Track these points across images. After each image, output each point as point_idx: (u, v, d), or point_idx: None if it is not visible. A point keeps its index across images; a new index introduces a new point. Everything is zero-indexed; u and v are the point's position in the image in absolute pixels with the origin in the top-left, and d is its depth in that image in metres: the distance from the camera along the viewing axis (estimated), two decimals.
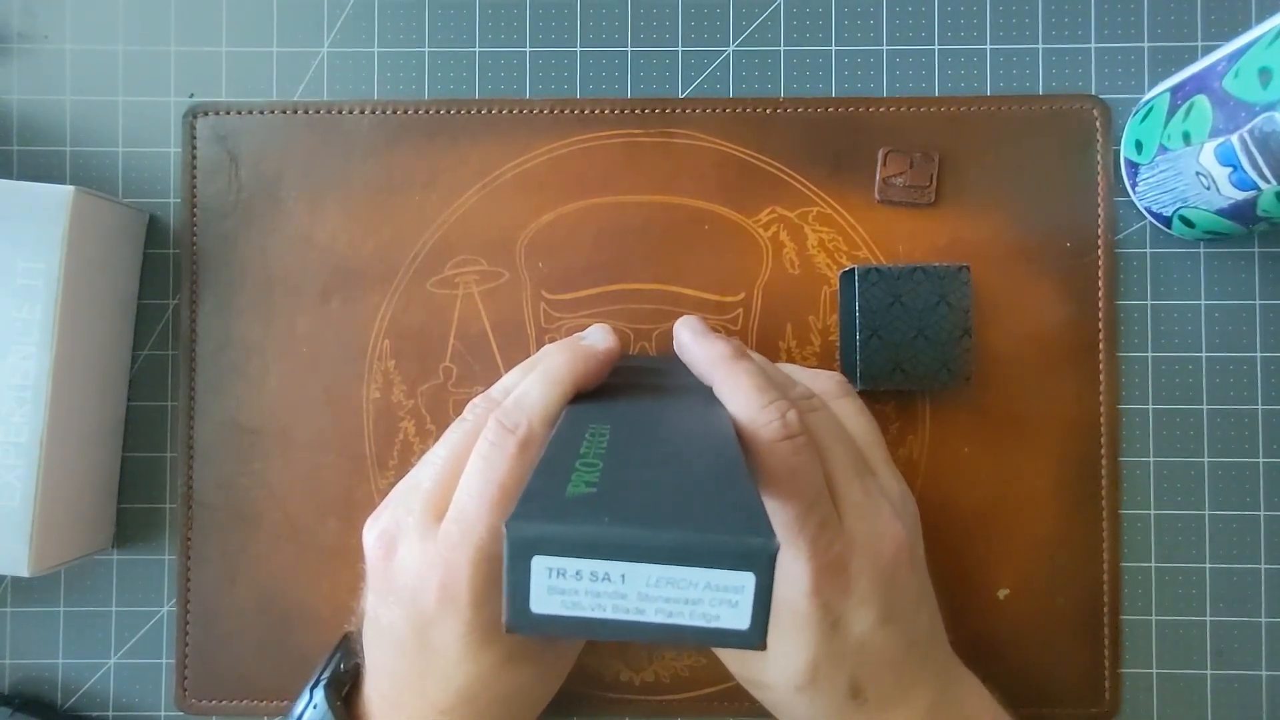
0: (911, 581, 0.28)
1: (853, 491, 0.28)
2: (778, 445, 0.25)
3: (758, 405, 0.26)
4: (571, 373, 0.28)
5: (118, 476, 0.37)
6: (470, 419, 0.29)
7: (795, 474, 0.25)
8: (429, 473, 0.29)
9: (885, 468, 0.30)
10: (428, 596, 0.27)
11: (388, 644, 0.28)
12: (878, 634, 0.27)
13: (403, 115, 0.37)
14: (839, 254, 0.36)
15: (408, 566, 0.27)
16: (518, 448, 0.27)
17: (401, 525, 0.28)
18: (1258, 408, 0.36)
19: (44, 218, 0.32)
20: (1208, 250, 0.36)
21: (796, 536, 0.26)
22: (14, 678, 0.37)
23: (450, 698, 0.28)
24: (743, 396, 0.26)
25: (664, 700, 0.36)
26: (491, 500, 0.26)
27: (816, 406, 0.29)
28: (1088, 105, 0.36)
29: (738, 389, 0.27)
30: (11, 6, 0.37)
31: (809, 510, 0.26)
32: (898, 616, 0.28)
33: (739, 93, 0.37)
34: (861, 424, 0.31)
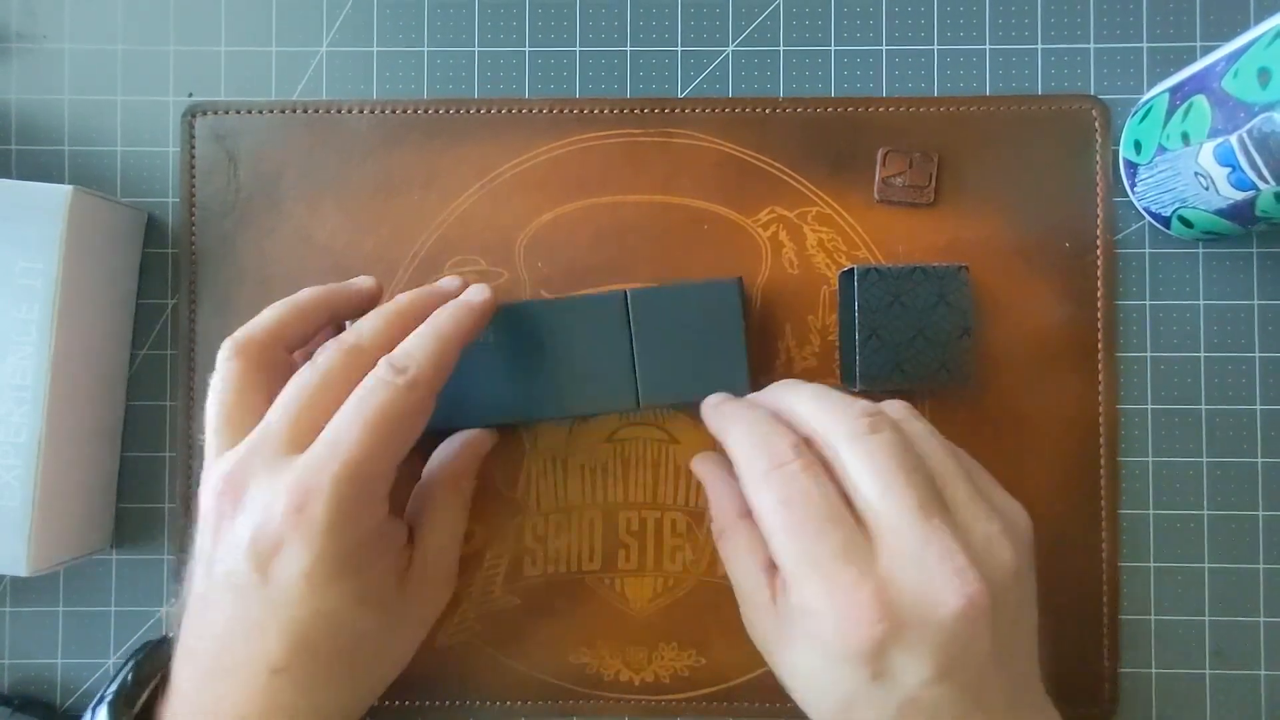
0: (987, 644, 0.25)
1: (909, 537, 0.25)
2: (768, 479, 0.26)
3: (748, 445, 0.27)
4: (459, 329, 0.29)
5: (116, 476, 0.37)
6: (321, 361, 0.28)
7: (790, 505, 0.25)
8: (278, 414, 0.27)
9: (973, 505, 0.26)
10: (274, 523, 0.25)
11: (220, 598, 0.26)
12: (931, 692, 0.24)
13: (402, 115, 0.37)
14: (838, 254, 0.36)
15: (255, 498, 0.26)
16: (406, 385, 0.27)
17: (248, 465, 0.26)
18: (1257, 408, 0.36)
19: (43, 217, 0.32)
20: (1206, 250, 0.36)
21: (813, 566, 0.25)
22: (13, 678, 0.37)
23: (287, 648, 0.26)
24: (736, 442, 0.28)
25: (664, 700, 0.36)
26: (371, 424, 0.26)
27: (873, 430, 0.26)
28: (1087, 105, 0.36)
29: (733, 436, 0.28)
30: (10, 6, 0.37)
31: (819, 538, 0.25)
32: (959, 676, 0.25)
33: (738, 92, 0.37)
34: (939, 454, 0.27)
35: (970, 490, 0.27)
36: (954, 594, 0.24)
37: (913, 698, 0.25)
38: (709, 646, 0.36)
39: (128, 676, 0.28)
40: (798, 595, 0.25)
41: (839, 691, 0.25)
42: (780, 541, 0.26)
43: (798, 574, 0.25)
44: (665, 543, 0.36)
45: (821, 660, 0.25)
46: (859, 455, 0.26)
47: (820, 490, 0.26)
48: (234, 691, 0.26)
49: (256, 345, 0.29)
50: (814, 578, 0.25)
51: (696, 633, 0.36)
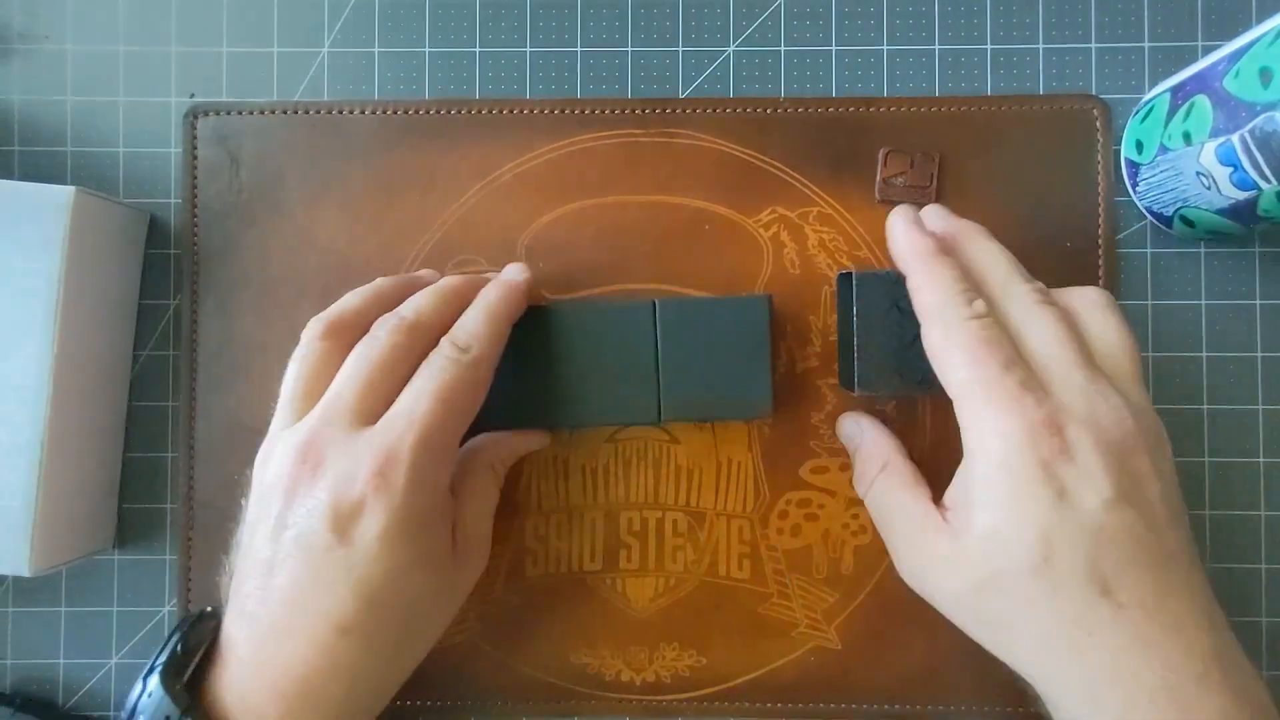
0: (1151, 475, 0.26)
1: (1074, 376, 0.27)
2: (967, 323, 0.28)
3: (948, 293, 0.28)
4: (508, 307, 0.32)
5: (119, 477, 0.37)
6: (385, 337, 0.30)
7: (986, 343, 0.27)
8: (347, 388, 0.29)
9: (1129, 381, 0.28)
10: (357, 486, 0.27)
11: (288, 561, 0.27)
12: (1115, 515, 0.25)
13: (403, 115, 0.37)
14: (840, 254, 0.36)
15: (336, 464, 0.28)
16: (471, 362, 0.30)
17: (323, 435, 0.28)
18: (1258, 408, 0.36)
19: (45, 218, 0.32)
20: (1208, 250, 0.36)
21: (995, 391, 0.27)
22: (15, 677, 0.37)
23: (358, 607, 0.27)
24: (935, 288, 0.29)
25: (665, 700, 0.36)
26: (442, 398, 0.29)
27: (1046, 301, 0.29)
28: (1088, 105, 0.36)
29: (933, 280, 0.29)
30: (12, 6, 0.37)
31: (1004, 371, 0.27)
32: (1138, 506, 0.26)
33: (739, 93, 0.37)
34: (1110, 336, 0.29)
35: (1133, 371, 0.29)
36: (1115, 423, 0.26)
37: (1101, 523, 0.25)
38: (710, 647, 0.36)
39: (177, 646, 0.28)
40: (986, 424, 0.27)
41: (1036, 528, 0.26)
42: (966, 375, 0.27)
43: (981, 405, 0.27)
44: (666, 543, 0.36)
45: (1007, 498, 0.26)
46: (1037, 318, 0.28)
47: (1009, 341, 0.28)
48: (299, 651, 0.27)
49: (343, 326, 0.31)
50: (997, 403, 0.26)
51: (697, 633, 0.36)
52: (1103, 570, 0.25)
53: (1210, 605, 0.26)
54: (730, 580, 0.36)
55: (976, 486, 0.27)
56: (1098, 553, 0.25)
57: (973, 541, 0.27)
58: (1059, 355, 0.28)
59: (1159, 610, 0.25)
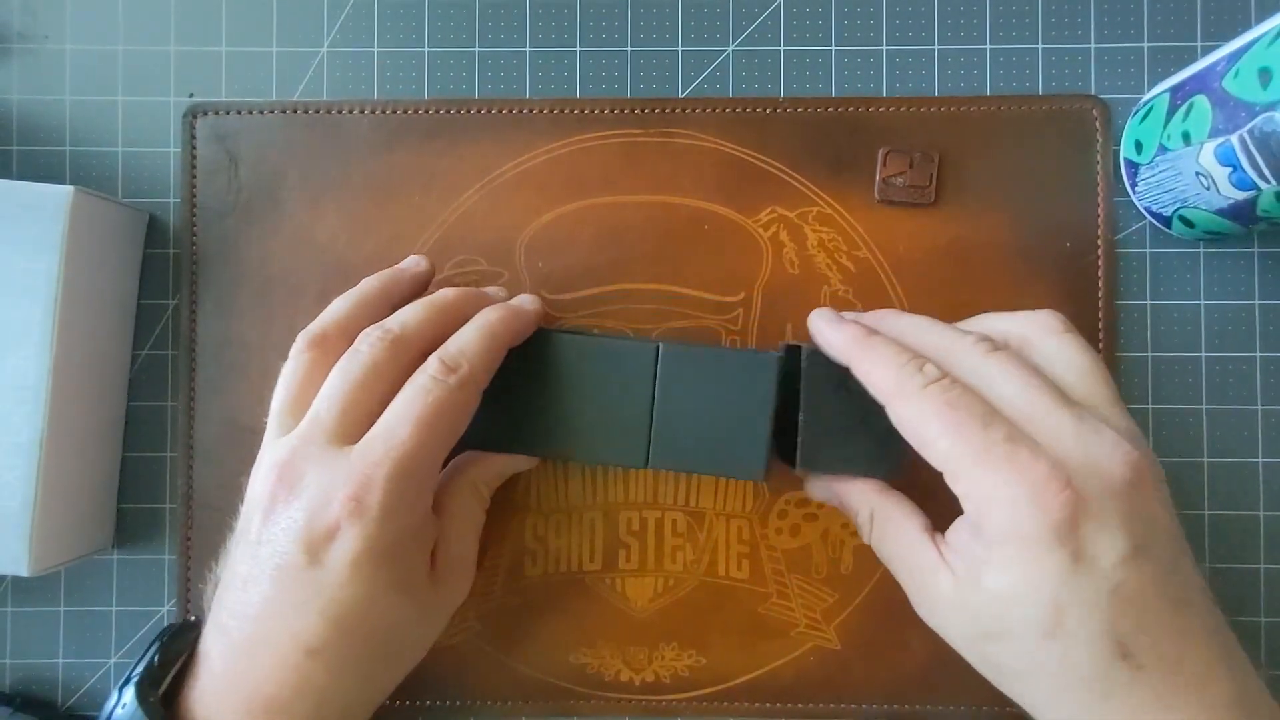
0: (1162, 517, 0.25)
1: (1058, 421, 0.25)
2: (926, 390, 0.26)
3: (895, 367, 0.27)
4: (508, 332, 0.30)
5: (118, 476, 0.37)
6: (367, 350, 0.29)
7: (953, 405, 0.26)
8: (327, 404, 0.28)
9: (1110, 406, 0.27)
10: (332, 509, 0.27)
11: (263, 579, 0.27)
12: (1134, 571, 0.24)
13: (402, 115, 0.37)
14: (839, 254, 0.36)
15: (313, 485, 0.27)
16: (458, 383, 0.28)
17: (302, 453, 0.28)
18: (1257, 408, 0.36)
19: (44, 218, 0.32)
20: (1207, 250, 0.36)
21: (983, 454, 0.25)
22: (14, 677, 0.37)
23: (325, 630, 0.27)
24: (881, 367, 0.28)
25: (664, 700, 0.36)
26: (423, 423, 0.28)
27: (994, 349, 0.27)
28: (1088, 105, 0.36)
29: (876, 362, 0.28)
30: (11, 6, 0.37)
31: (985, 428, 0.25)
32: (1155, 554, 0.24)
33: (739, 93, 0.37)
34: (1074, 362, 0.28)
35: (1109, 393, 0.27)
36: (1119, 462, 0.25)
37: (1119, 582, 0.24)
38: (709, 647, 0.36)
39: (154, 657, 0.28)
40: (984, 492, 0.25)
41: (1047, 593, 0.24)
42: (946, 446, 0.26)
43: (977, 467, 0.25)
44: (666, 543, 0.36)
45: (1017, 562, 0.24)
46: (991, 367, 0.27)
47: (974, 394, 0.26)
48: (266, 670, 0.27)
49: (328, 338, 0.30)
50: (990, 467, 0.25)
51: (697, 633, 0.36)
52: (1120, 632, 0.24)
53: (1227, 646, 0.25)
54: (730, 580, 0.36)
55: (988, 550, 0.25)
56: (1115, 615, 0.24)
57: (980, 595, 0.26)
58: (1033, 401, 0.26)
59: (1179, 667, 0.24)
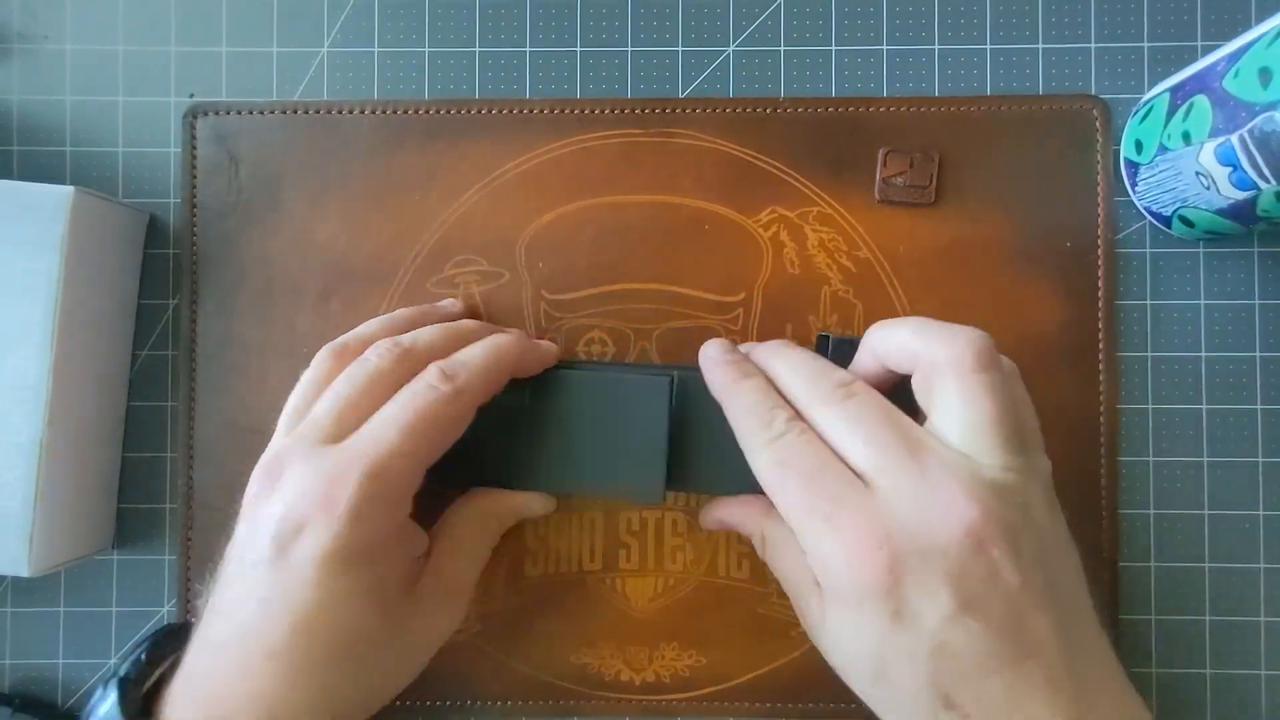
0: (1007, 569, 0.24)
1: (900, 475, 0.25)
2: (765, 449, 0.27)
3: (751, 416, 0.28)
4: (516, 356, 0.30)
5: (118, 477, 0.37)
6: (374, 359, 0.29)
7: (782, 464, 0.27)
8: (325, 406, 0.28)
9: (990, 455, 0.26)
10: (303, 505, 0.26)
11: (237, 578, 0.27)
12: (958, 629, 0.24)
13: (403, 115, 0.37)
14: (839, 254, 0.36)
15: (290, 481, 0.27)
16: (453, 393, 0.28)
17: (289, 451, 0.28)
18: (1257, 408, 0.36)
19: (44, 218, 0.32)
20: (1207, 250, 0.36)
21: (811, 515, 0.26)
22: (14, 678, 0.37)
23: (286, 632, 0.26)
24: (740, 414, 0.28)
25: (664, 700, 0.36)
26: (409, 427, 0.27)
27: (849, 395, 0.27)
28: (1088, 105, 0.36)
29: (737, 410, 0.29)
30: (11, 6, 0.37)
31: (809, 489, 0.26)
32: (984, 608, 0.24)
33: (739, 93, 0.37)
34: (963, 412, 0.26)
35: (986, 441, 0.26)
36: (953, 520, 0.24)
37: (942, 641, 0.24)
38: (710, 646, 0.36)
39: (140, 656, 0.28)
40: (810, 549, 0.26)
41: (868, 646, 0.25)
42: (783, 499, 0.26)
43: (803, 525, 0.26)
44: (666, 542, 0.36)
45: (844, 614, 0.26)
46: (839, 418, 0.27)
47: (813, 448, 0.26)
48: (226, 672, 0.26)
49: (347, 350, 0.30)
50: (815, 521, 0.25)
51: (697, 633, 0.36)
52: (943, 685, 0.24)
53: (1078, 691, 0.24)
54: (730, 580, 0.36)
55: (824, 603, 0.27)
56: (936, 669, 0.24)
57: (826, 634, 0.27)
58: (880, 454, 0.25)
59: (1011, 715, 0.24)
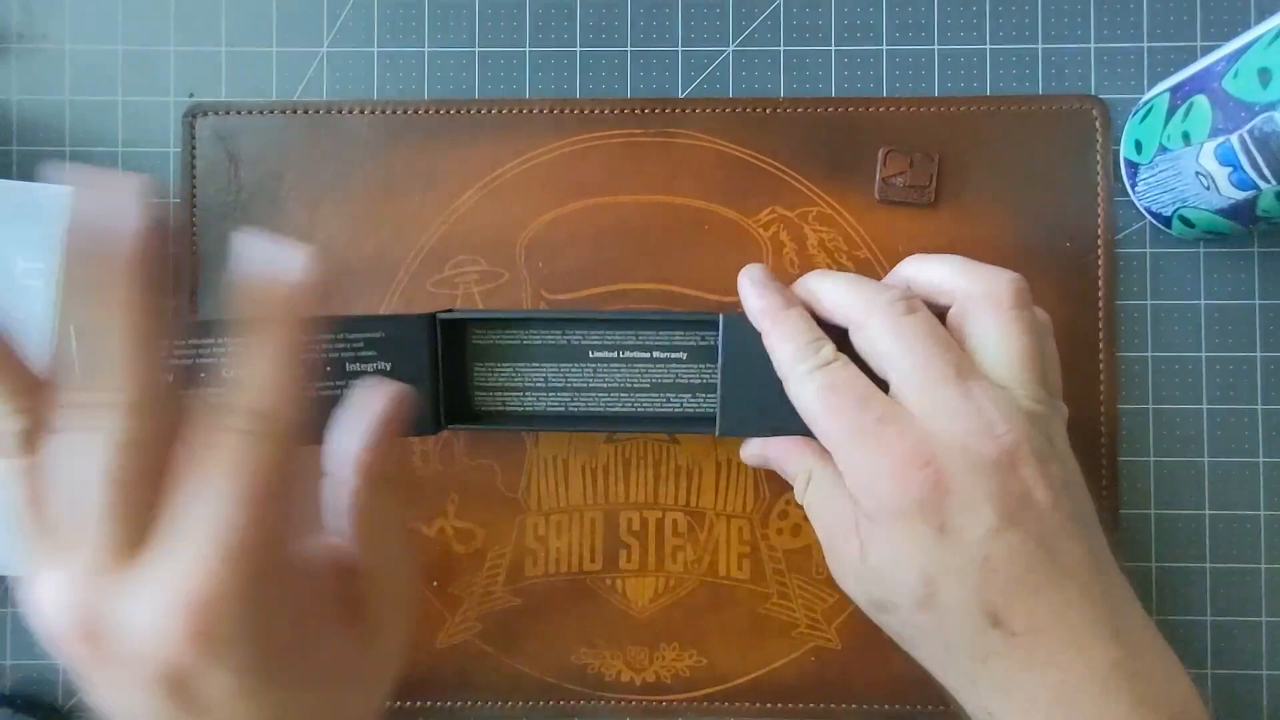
0: (1041, 487, 0.25)
1: (942, 394, 0.26)
2: (814, 374, 0.27)
3: (795, 346, 0.28)
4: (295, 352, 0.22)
5: None
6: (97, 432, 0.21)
7: (834, 388, 0.27)
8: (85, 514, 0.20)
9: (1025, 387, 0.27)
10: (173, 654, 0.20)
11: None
12: (1000, 542, 0.24)
13: (402, 115, 0.37)
14: (839, 254, 0.36)
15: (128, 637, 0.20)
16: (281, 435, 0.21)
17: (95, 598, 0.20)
18: (1257, 407, 0.36)
19: (44, 218, 0.32)
20: (1207, 250, 0.36)
21: (859, 434, 0.26)
22: (15, 678, 0.37)
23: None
24: (783, 344, 0.28)
25: (665, 700, 0.36)
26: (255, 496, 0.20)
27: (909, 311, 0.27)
28: (1087, 105, 0.36)
29: (781, 338, 0.28)
30: (11, 6, 0.37)
31: (860, 409, 0.26)
32: (1024, 522, 0.25)
33: (739, 93, 0.37)
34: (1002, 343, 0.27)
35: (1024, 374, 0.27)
36: (991, 442, 0.25)
37: (986, 554, 0.24)
38: (710, 647, 0.36)
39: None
40: (855, 469, 0.26)
41: (917, 566, 0.25)
42: (827, 423, 0.27)
43: (848, 447, 0.26)
44: (666, 543, 0.36)
45: (890, 535, 0.26)
46: (891, 333, 0.27)
47: (859, 376, 0.27)
48: None
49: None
50: (862, 440, 0.26)
51: (697, 633, 0.36)
52: (991, 601, 0.25)
53: (1115, 614, 0.25)
54: (730, 580, 0.36)
55: (866, 524, 0.27)
56: (984, 585, 0.25)
57: (868, 567, 0.27)
58: (926, 375, 0.26)
59: (1055, 630, 0.25)
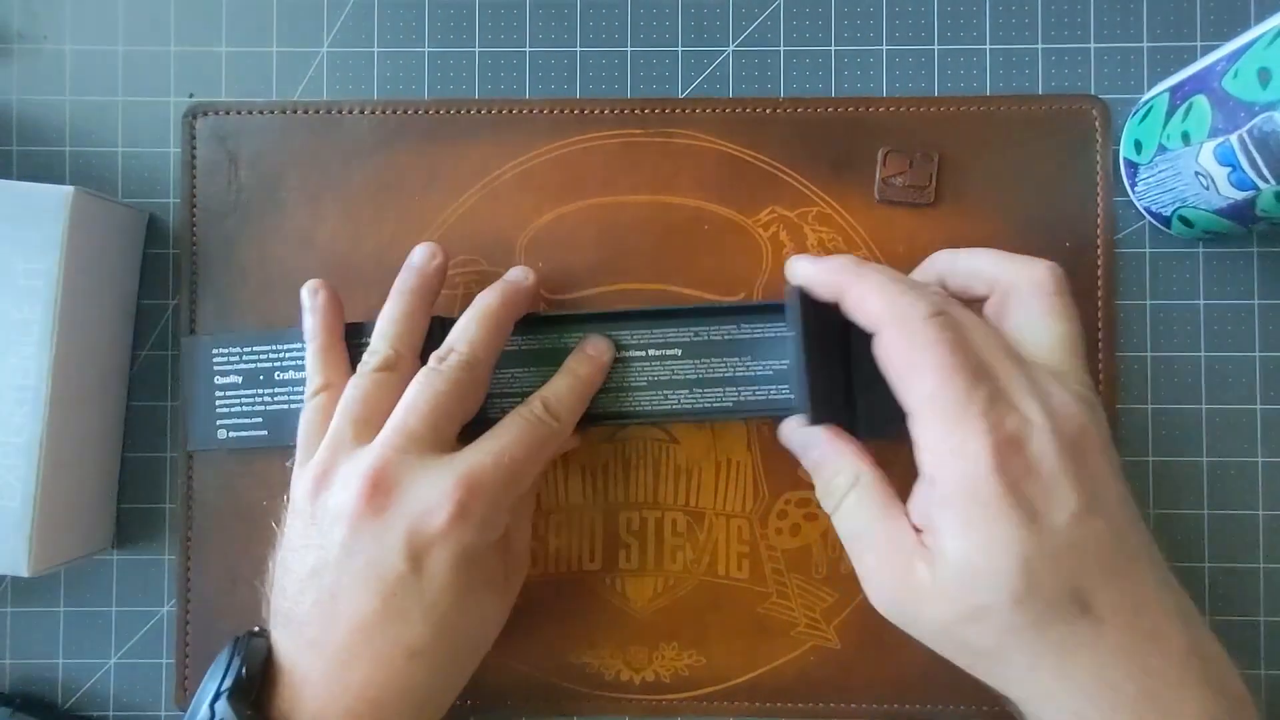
0: (1109, 474, 0.26)
1: (1015, 375, 0.26)
2: (928, 323, 0.26)
3: (895, 293, 0.27)
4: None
5: (118, 476, 0.37)
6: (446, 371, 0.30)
7: (954, 349, 0.26)
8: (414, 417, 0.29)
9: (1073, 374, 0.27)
10: (437, 516, 0.28)
11: (357, 589, 0.28)
12: (1086, 527, 0.25)
13: (403, 115, 0.37)
14: (839, 254, 0.36)
15: (411, 492, 0.28)
16: (560, 429, 0.31)
17: (396, 462, 0.28)
18: (1257, 407, 0.36)
19: (44, 218, 0.32)
20: (1207, 250, 0.36)
21: (966, 410, 0.25)
22: (14, 678, 0.37)
23: (429, 632, 0.28)
24: (876, 292, 0.27)
25: (665, 700, 0.36)
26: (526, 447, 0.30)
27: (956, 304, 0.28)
28: (1087, 105, 0.36)
29: (870, 288, 0.27)
30: (11, 6, 0.37)
31: (975, 382, 0.25)
32: (1104, 510, 0.25)
33: (739, 93, 0.37)
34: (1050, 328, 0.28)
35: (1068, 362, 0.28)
36: (1070, 425, 0.25)
37: (1073, 539, 0.24)
38: (710, 646, 0.36)
39: (241, 670, 0.28)
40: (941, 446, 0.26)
41: (1014, 555, 0.24)
42: (933, 387, 0.26)
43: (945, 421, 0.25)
44: (666, 542, 0.36)
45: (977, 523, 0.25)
46: None
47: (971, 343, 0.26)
48: (371, 675, 0.28)
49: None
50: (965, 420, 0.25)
51: (697, 632, 0.36)
52: (1081, 589, 0.25)
53: (1181, 600, 0.26)
54: (730, 580, 0.36)
55: (944, 511, 0.26)
56: (1075, 571, 0.25)
57: (949, 572, 0.25)
58: (995, 356, 0.26)
59: (1136, 618, 0.25)
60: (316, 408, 0.32)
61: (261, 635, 0.30)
